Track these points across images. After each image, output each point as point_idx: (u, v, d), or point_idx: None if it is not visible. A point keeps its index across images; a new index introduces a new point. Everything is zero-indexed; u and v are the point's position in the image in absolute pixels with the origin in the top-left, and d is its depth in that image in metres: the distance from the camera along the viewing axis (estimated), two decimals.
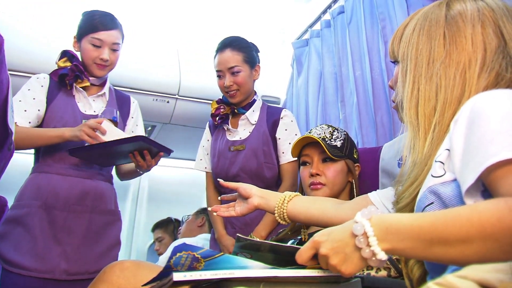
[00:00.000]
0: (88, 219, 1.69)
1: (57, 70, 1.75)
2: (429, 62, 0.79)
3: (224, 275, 0.66)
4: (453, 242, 0.54)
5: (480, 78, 0.74)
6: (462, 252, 0.54)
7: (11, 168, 1.90)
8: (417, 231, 0.58)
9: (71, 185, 1.68)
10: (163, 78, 2.63)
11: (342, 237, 0.65)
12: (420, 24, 0.82)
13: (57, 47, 2.39)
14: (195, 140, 2.28)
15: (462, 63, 0.76)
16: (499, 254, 0.52)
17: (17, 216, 1.62)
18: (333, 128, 1.49)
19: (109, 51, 1.73)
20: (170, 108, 2.70)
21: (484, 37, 0.76)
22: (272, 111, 1.98)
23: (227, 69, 1.86)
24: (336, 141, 1.44)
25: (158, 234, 3.14)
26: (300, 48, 2.65)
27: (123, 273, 1.12)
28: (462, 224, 0.54)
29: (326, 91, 2.30)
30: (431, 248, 0.56)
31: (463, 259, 0.55)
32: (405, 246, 0.59)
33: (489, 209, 0.53)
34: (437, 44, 0.79)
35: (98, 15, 1.74)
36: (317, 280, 0.74)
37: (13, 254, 1.56)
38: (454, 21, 0.79)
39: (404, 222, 0.60)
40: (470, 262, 0.55)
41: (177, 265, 0.67)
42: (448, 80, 0.76)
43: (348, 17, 2.17)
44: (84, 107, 1.76)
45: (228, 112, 1.96)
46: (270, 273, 0.70)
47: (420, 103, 0.78)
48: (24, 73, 2.31)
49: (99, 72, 1.75)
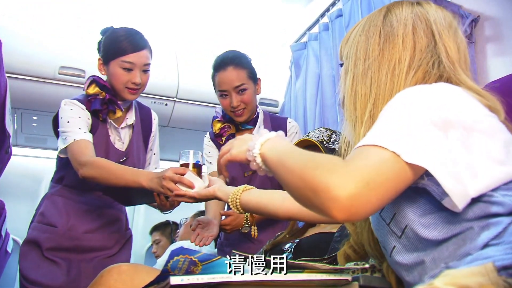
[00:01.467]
0: (107, 243, 1.71)
1: (89, 101, 1.62)
2: (365, 60, 0.83)
3: (221, 278, 0.66)
4: (287, 168, 0.69)
5: (408, 75, 0.78)
6: (286, 178, 0.69)
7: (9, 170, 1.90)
8: (280, 151, 0.76)
9: (92, 213, 1.69)
10: (161, 80, 2.63)
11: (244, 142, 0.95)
12: (363, 26, 0.87)
13: (56, 50, 2.40)
14: (193, 143, 2.28)
15: (393, 61, 0.80)
16: (296, 194, 0.67)
17: (38, 239, 1.62)
18: (331, 131, 1.50)
19: (140, 73, 1.61)
20: (168, 111, 2.70)
21: (414, 36, 0.81)
22: (277, 124, 1.91)
23: (233, 88, 1.75)
24: (334, 144, 1.44)
25: (156, 236, 3.14)
26: (298, 51, 2.66)
27: (121, 277, 1.12)
28: (301, 163, 0.66)
29: (324, 94, 2.30)
30: (275, 166, 0.75)
31: (283, 182, 0.71)
32: (268, 161, 0.78)
33: (322, 164, 0.62)
34: (372, 42, 0.83)
35: (125, 35, 1.61)
36: (315, 284, 0.74)
37: (35, 275, 1.57)
38: (390, 22, 0.84)
39: (281, 145, 0.79)
40: (283, 184, 0.71)
41: (174, 269, 0.67)
42: (380, 76, 0.80)
43: (346, 20, 2.18)
44: (115, 139, 1.70)
45: (234, 131, 1.87)
46: (267, 277, 0.70)
47: (357, 99, 0.82)
48: (22, 75, 2.31)
49: (131, 97, 1.64)
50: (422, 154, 0.61)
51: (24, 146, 3.14)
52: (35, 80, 2.35)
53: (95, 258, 1.67)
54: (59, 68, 2.36)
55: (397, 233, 0.73)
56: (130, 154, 1.71)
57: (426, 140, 0.62)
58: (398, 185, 0.61)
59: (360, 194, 0.58)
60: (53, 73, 2.36)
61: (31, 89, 2.36)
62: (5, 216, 1.91)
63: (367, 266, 0.91)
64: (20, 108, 2.52)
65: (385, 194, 0.60)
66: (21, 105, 2.45)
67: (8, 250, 2.11)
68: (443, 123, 0.64)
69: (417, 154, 0.61)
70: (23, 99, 2.38)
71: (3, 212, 1.87)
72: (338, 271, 0.77)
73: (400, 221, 0.72)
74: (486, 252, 0.56)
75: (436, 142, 0.63)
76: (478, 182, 0.63)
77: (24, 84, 2.33)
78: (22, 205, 3.02)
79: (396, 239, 0.74)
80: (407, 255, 0.72)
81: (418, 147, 0.61)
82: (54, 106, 2.39)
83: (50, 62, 2.36)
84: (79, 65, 2.39)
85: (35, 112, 2.57)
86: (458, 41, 0.81)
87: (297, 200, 0.68)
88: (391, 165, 0.61)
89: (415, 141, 0.62)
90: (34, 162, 3.26)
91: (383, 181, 0.60)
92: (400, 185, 0.62)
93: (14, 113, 2.55)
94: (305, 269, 0.75)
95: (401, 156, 0.61)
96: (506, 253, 0.54)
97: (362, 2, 2.07)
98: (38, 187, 3.14)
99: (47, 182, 2.77)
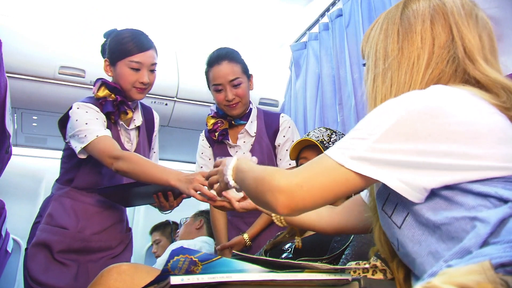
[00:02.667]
0: (111, 245, 1.72)
1: (101, 104, 1.64)
2: (385, 59, 0.82)
3: (221, 278, 0.66)
4: (252, 191, 0.85)
5: (425, 73, 0.77)
6: (248, 189, 0.87)
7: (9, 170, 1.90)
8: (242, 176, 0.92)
9: (100, 214, 1.70)
10: (161, 80, 2.61)
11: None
12: (381, 24, 0.86)
13: (56, 49, 2.40)
14: (193, 142, 2.28)
15: (412, 59, 0.79)
16: (254, 200, 0.86)
17: (48, 241, 1.62)
18: (331, 131, 1.50)
19: (148, 72, 1.65)
20: (169, 111, 2.70)
21: (433, 32, 0.79)
22: (270, 119, 1.95)
23: (227, 82, 1.79)
24: (333, 144, 1.44)
25: (156, 236, 3.14)
26: (298, 50, 2.66)
27: (121, 276, 1.12)
28: (257, 175, 0.83)
29: (324, 94, 2.30)
30: (246, 188, 0.90)
31: (248, 194, 0.90)
32: (237, 181, 0.96)
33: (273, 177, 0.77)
34: (391, 41, 0.82)
35: (131, 36, 1.64)
36: (315, 283, 0.74)
37: (44, 276, 1.58)
38: (407, 18, 0.82)
39: (243, 166, 0.94)
40: (248, 194, 0.90)
41: (174, 269, 0.67)
42: (400, 76, 0.79)
43: (346, 20, 2.18)
44: (124, 140, 1.72)
45: (227, 126, 1.91)
46: (267, 277, 0.70)
47: (377, 99, 0.81)
48: (22, 75, 2.31)
49: (139, 96, 1.68)
50: (366, 163, 0.70)
51: (24, 146, 3.13)
52: (35, 80, 2.34)
53: (101, 258, 1.69)
54: (59, 68, 2.35)
55: (397, 224, 0.74)
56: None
57: (376, 150, 0.70)
58: (336, 188, 0.72)
59: (294, 194, 0.73)
60: (53, 73, 2.36)
61: (31, 89, 2.35)
62: (5, 216, 1.91)
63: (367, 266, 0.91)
64: (20, 108, 2.51)
65: (320, 194, 0.73)
66: (21, 105, 2.45)
67: (8, 250, 2.11)
68: (404, 134, 0.69)
69: (359, 163, 0.70)
70: (23, 99, 2.38)
71: (3, 212, 1.87)
72: (338, 271, 0.77)
73: (401, 209, 0.74)
74: (485, 251, 0.57)
75: (385, 151, 0.69)
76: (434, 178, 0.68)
77: (24, 84, 2.32)
78: (22, 205, 3.02)
79: (397, 230, 0.75)
80: (408, 245, 0.73)
81: (363, 157, 0.70)
82: (54, 106, 2.40)
83: (50, 62, 2.35)
84: (79, 65, 2.38)
85: (35, 112, 2.56)
86: (479, 28, 0.80)
87: (256, 204, 0.93)
88: (329, 172, 0.72)
89: (363, 151, 0.70)
90: (34, 162, 3.25)
91: (316, 184, 0.73)
92: (339, 188, 0.72)
93: (14, 113, 2.55)
94: (305, 269, 0.75)
95: (344, 165, 0.71)
96: (504, 251, 0.54)
97: (362, 1, 2.06)
98: (38, 187, 3.14)
99: (47, 182, 2.78)
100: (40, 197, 3.15)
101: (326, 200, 0.74)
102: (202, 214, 2.89)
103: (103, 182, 1.67)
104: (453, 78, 0.78)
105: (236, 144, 1.91)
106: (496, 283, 0.49)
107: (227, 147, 1.94)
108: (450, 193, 0.68)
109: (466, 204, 0.66)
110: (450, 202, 0.68)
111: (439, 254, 0.67)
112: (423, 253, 0.70)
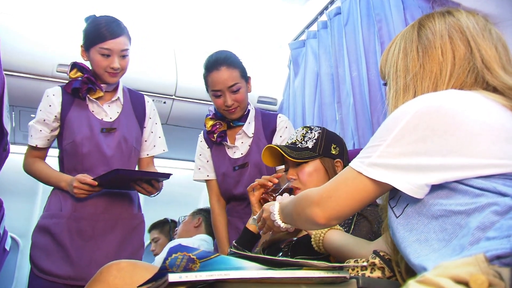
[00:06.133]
0: (115, 226, 1.76)
1: (70, 83, 1.78)
2: (405, 76, 0.86)
3: (219, 276, 0.66)
4: (294, 215, 0.95)
5: (449, 85, 0.81)
6: (292, 217, 0.98)
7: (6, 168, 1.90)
8: (286, 209, 1.04)
9: (97, 195, 1.73)
10: (159, 78, 2.62)
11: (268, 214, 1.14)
12: (398, 45, 0.90)
13: (54, 47, 2.39)
14: (192, 140, 2.28)
15: (434, 73, 0.83)
16: (298, 222, 0.96)
17: (47, 225, 1.70)
18: (307, 129, 1.49)
19: (118, 58, 1.74)
20: (167, 109, 2.69)
21: (452, 45, 0.83)
22: (267, 119, 1.94)
23: (227, 88, 1.79)
24: (307, 142, 1.44)
25: (154, 234, 3.14)
26: (297, 49, 2.65)
27: (120, 273, 1.12)
28: (295, 201, 0.96)
29: (323, 92, 2.30)
30: (290, 218, 1.01)
31: (294, 222, 1.00)
32: (284, 218, 1.06)
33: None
34: (411, 58, 0.86)
35: (104, 23, 1.73)
36: (313, 281, 0.74)
37: (45, 263, 1.64)
38: (425, 36, 0.87)
39: (283, 204, 1.07)
40: (294, 223, 1.03)
41: (172, 266, 0.67)
42: (423, 89, 0.83)
43: (344, 18, 2.17)
44: (100, 114, 1.81)
45: (225, 128, 1.92)
46: (265, 274, 0.70)
47: None
48: (20, 73, 2.30)
49: (112, 80, 1.79)
50: (379, 169, 0.76)
51: (22, 144, 3.12)
52: (33, 77, 2.34)
53: (107, 245, 1.71)
54: (57, 65, 2.35)
55: (396, 214, 0.78)
56: (119, 127, 1.83)
57: (390, 156, 0.75)
58: (358, 196, 0.79)
59: (326, 205, 0.82)
60: (51, 71, 2.35)
61: (29, 87, 2.35)
62: (3, 214, 1.91)
63: (366, 264, 0.91)
64: (18, 106, 2.51)
65: (346, 203, 0.80)
66: (19, 102, 2.44)
67: (6, 248, 2.11)
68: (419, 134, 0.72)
69: (373, 169, 0.76)
70: (21, 97, 2.37)
71: (1, 210, 1.87)
72: (336, 268, 0.77)
73: (403, 201, 0.77)
74: (482, 245, 0.58)
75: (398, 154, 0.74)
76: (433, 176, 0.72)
77: (22, 81, 2.32)
78: (20, 203, 3.02)
79: (394, 219, 0.78)
80: (399, 232, 0.76)
81: (377, 163, 0.76)
82: None
83: (48, 60, 2.35)
84: None
85: (33, 109, 2.54)
86: (494, 40, 0.84)
87: (301, 226, 1.05)
88: (351, 181, 0.80)
89: (376, 157, 0.76)
90: None
91: (342, 193, 0.80)
92: (361, 196, 0.79)
93: (12, 111, 2.54)
94: (303, 267, 0.75)
95: (363, 173, 0.77)
96: (501, 243, 0.55)
97: (360, 0, 2.06)
98: (36, 185, 3.12)
99: None
100: (38, 195, 3.15)
101: (353, 208, 0.81)
102: (200, 212, 2.90)
103: (86, 162, 1.76)
104: (474, 88, 0.81)
105: (234, 145, 1.91)
106: (489, 274, 0.50)
107: (225, 148, 1.94)
108: (451, 186, 0.71)
109: (465, 198, 0.68)
110: (450, 195, 0.70)
111: (428, 242, 0.69)
112: (411, 239, 0.73)
